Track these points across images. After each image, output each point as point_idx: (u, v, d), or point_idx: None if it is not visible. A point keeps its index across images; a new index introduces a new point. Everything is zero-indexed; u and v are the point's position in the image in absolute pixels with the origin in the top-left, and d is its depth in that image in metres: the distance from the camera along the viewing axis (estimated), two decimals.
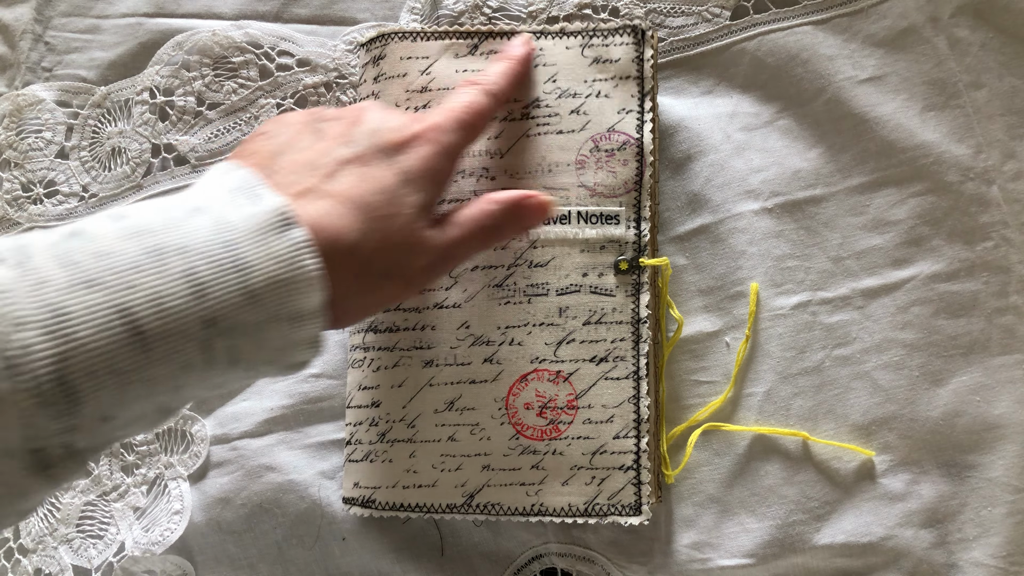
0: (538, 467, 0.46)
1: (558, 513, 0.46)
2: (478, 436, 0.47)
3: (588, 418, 0.46)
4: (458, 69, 0.49)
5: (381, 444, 0.48)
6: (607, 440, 0.46)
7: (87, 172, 0.58)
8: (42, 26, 0.61)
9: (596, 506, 0.46)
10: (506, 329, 0.47)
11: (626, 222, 0.47)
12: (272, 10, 0.58)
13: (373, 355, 0.48)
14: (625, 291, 0.47)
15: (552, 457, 0.46)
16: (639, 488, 0.46)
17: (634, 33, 0.48)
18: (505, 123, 0.48)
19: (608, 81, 0.48)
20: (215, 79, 0.57)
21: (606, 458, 0.46)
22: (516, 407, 0.47)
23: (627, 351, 0.46)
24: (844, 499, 0.48)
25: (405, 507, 0.47)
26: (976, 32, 0.51)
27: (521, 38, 0.48)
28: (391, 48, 0.50)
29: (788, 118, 0.52)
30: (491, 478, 0.47)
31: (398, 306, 0.48)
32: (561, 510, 0.46)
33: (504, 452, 0.46)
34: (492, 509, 0.46)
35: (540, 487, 0.46)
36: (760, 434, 0.49)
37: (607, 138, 0.48)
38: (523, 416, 0.47)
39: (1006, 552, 0.47)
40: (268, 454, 0.53)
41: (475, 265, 0.48)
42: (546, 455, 0.46)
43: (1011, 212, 0.49)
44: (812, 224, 0.50)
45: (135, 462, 0.53)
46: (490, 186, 0.48)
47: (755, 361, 0.50)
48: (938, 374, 0.49)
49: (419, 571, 0.51)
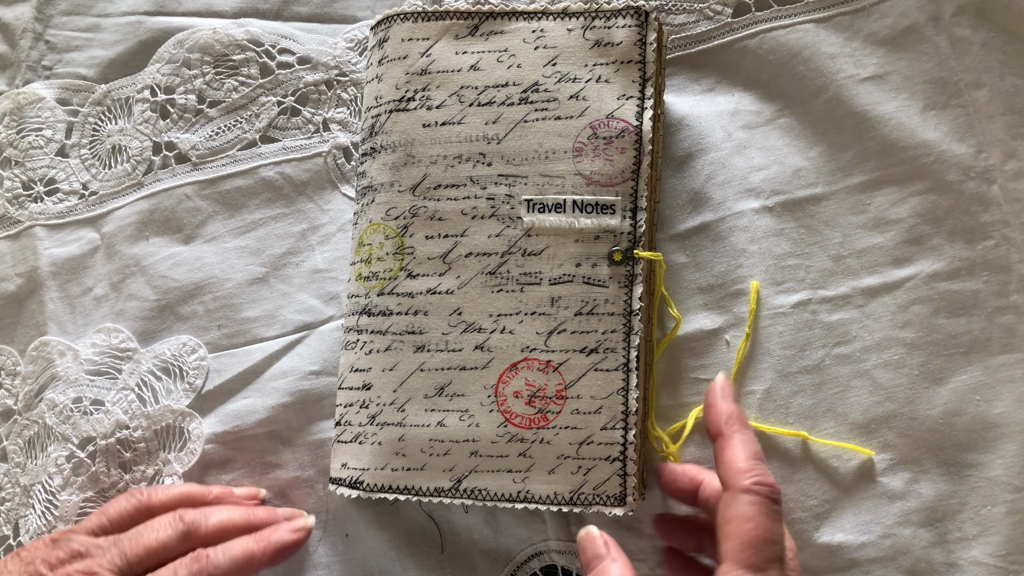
0: (525, 455, 0.50)
1: (544, 500, 0.50)
2: (467, 422, 0.50)
3: (577, 408, 0.49)
4: (458, 51, 0.52)
5: (371, 426, 0.51)
6: (595, 431, 0.49)
7: (87, 170, 0.60)
8: (43, 24, 0.63)
9: (581, 495, 0.48)
10: (498, 317, 0.50)
11: (621, 212, 0.50)
12: (273, 8, 0.60)
13: (366, 338, 0.52)
14: (618, 283, 0.50)
15: (540, 446, 0.50)
16: (624, 479, 0.49)
17: (637, 15, 0.50)
18: (503, 107, 0.50)
19: (609, 66, 0.51)
20: (216, 77, 0.59)
21: (593, 448, 0.49)
22: (506, 395, 0.50)
23: (618, 343, 0.49)
24: (843, 498, 0.50)
25: (393, 489, 0.51)
26: (977, 31, 0.53)
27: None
28: (394, 30, 0.53)
29: (789, 116, 0.54)
30: (479, 464, 0.50)
31: (392, 290, 0.51)
32: (547, 498, 0.49)
33: (492, 439, 0.50)
34: (479, 494, 0.50)
35: (527, 475, 0.50)
36: (760, 433, 0.50)
37: (605, 125, 0.50)
38: (512, 404, 0.50)
39: (1005, 551, 0.49)
40: (269, 452, 0.54)
41: (469, 252, 0.51)
42: (534, 443, 0.50)
43: (1012, 211, 0.51)
44: (813, 222, 0.52)
45: (132, 459, 0.55)
46: (487, 172, 0.51)
47: (755, 359, 0.52)
48: (938, 373, 0.50)
49: (419, 568, 0.53)
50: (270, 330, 0.57)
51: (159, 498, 0.52)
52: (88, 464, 0.57)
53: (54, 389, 0.58)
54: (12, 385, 0.60)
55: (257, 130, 0.59)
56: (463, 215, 0.51)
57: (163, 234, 0.59)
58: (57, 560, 0.48)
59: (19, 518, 0.57)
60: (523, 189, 0.50)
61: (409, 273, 0.51)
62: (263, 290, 0.58)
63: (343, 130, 0.59)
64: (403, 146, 0.52)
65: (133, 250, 0.59)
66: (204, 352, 0.57)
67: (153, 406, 0.57)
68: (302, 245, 0.58)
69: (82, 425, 0.57)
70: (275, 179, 0.59)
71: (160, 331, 0.58)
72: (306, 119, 0.59)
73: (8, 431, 0.59)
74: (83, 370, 0.58)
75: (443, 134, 0.51)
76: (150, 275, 0.59)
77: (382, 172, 0.52)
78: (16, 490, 0.58)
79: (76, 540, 0.49)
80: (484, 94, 0.51)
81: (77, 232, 0.61)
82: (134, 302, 0.59)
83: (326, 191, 0.58)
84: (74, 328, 0.59)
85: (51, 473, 0.56)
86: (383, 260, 0.52)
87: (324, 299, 0.57)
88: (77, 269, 0.60)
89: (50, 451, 0.57)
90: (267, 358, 0.57)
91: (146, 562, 0.48)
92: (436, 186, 0.51)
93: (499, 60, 0.51)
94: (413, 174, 0.52)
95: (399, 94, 0.53)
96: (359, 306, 0.52)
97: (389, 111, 0.53)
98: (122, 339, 0.58)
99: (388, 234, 0.52)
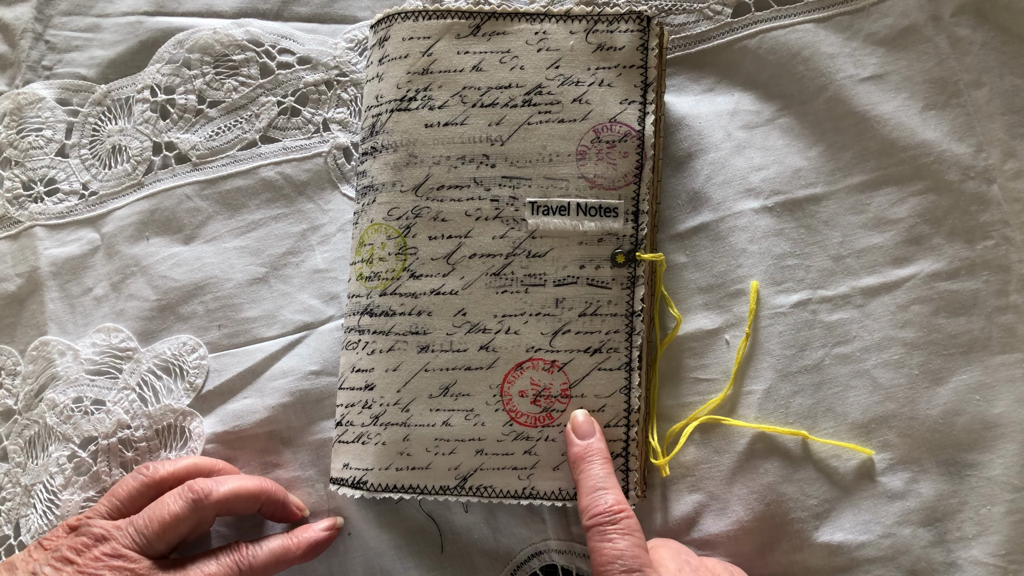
0: (531, 452, 0.51)
1: (548, 497, 0.50)
2: (472, 422, 0.51)
3: (581, 407, 0.50)
4: (460, 51, 0.52)
5: (374, 427, 0.51)
6: None
7: (87, 170, 0.61)
8: (43, 25, 0.64)
9: None
10: (503, 318, 0.51)
11: (624, 215, 0.51)
12: (273, 8, 0.60)
13: (368, 338, 0.52)
14: (621, 284, 0.51)
15: (545, 443, 0.50)
16: (627, 476, 0.50)
17: (640, 20, 0.51)
18: (506, 109, 0.50)
19: (612, 70, 0.51)
20: (216, 77, 0.59)
21: None
22: (511, 394, 0.51)
23: (621, 343, 0.50)
24: (843, 497, 0.51)
25: (398, 488, 0.51)
26: (977, 31, 0.53)
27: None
28: (395, 29, 0.53)
29: (789, 116, 0.54)
30: (484, 462, 0.51)
31: (395, 290, 0.51)
32: (551, 494, 0.50)
33: (498, 438, 0.50)
34: (484, 492, 0.51)
35: (532, 472, 0.50)
36: (759, 432, 0.51)
37: (609, 129, 0.50)
38: (517, 403, 0.50)
39: (1005, 551, 0.49)
40: (269, 452, 0.55)
41: (473, 253, 0.51)
42: (539, 441, 0.50)
43: (1011, 211, 0.51)
44: (812, 222, 0.52)
45: (134, 459, 0.55)
46: (491, 173, 0.51)
47: (755, 359, 0.52)
48: (938, 373, 0.51)
49: (419, 568, 0.53)
50: (270, 330, 0.57)
51: (165, 471, 0.53)
52: (89, 463, 0.57)
53: (54, 389, 0.58)
54: (12, 385, 0.60)
55: (257, 130, 0.60)
56: (467, 216, 0.51)
57: (163, 234, 0.60)
58: (83, 545, 0.49)
59: (20, 518, 0.57)
60: (527, 191, 0.51)
61: (412, 273, 0.51)
62: (263, 290, 0.58)
63: (343, 130, 0.59)
64: (405, 146, 0.52)
65: (133, 250, 0.60)
66: (204, 351, 0.57)
67: (154, 405, 0.57)
68: (302, 245, 0.58)
69: (83, 425, 0.57)
70: (275, 179, 0.59)
71: (160, 331, 0.59)
72: (306, 119, 0.59)
73: (8, 431, 0.59)
74: (83, 370, 0.58)
75: (446, 134, 0.52)
76: (150, 275, 0.59)
77: (383, 172, 0.53)
78: (17, 490, 0.58)
79: (95, 524, 0.50)
80: (487, 95, 0.52)
81: (77, 232, 0.61)
82: (134, 302, 0.59)
83: (326, 191, 0.58)
84: (74, 328, 0.60)
85: (52, 473, 0.57)
86: (385, 260, 0.52)
87: (324, 299, 0.57)
88: (77, 269, 0.60)
89: (51, 451, 0.57)
90: (267, 358, 0.57)
91: (164, 537, 0.49)
92: (439, 187, 0.51)
93: (502, 61, 0.52)
94: (415, 174, 0.52)
95: (400, 93, 0.53)
96: (360, 306, 0.53)
97: (390, 110, 0.53)
98: (122, 339, 0.58)
99: (390, 234, 0.52)
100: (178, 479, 0.53)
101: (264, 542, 0.51)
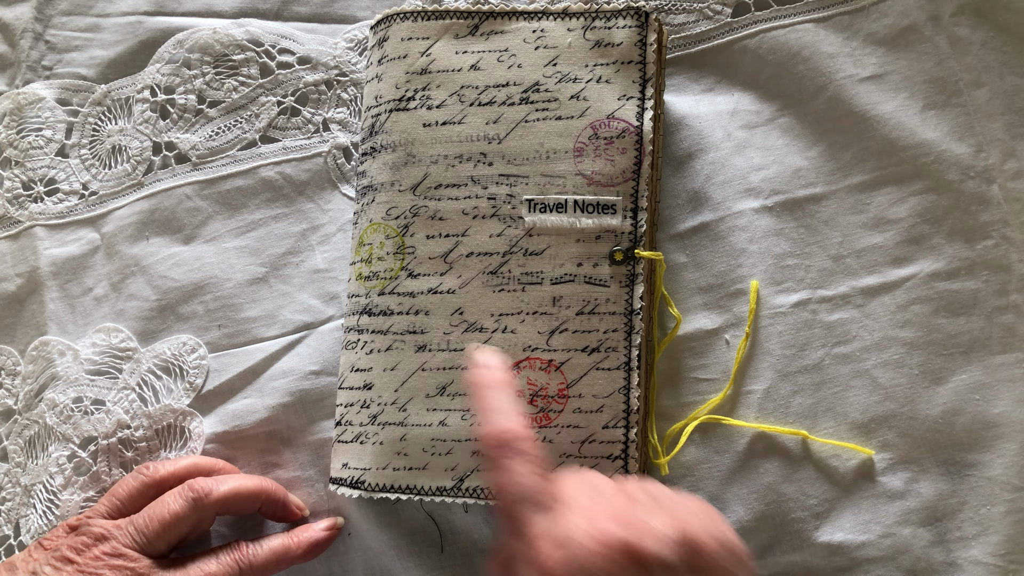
0: None
1: None
2: (469, 422, 0.51)
3: (578, 407, 0.50)
4: (458, 51, 0.52)
5: (372, 426, 0.51)
6: (596, 430, 0.50)
7: (87, 170, 0.61)
8: (42, 25, 0.64)
9: None
10: (500, 316, 0.50)
11: (622, 212, 0.50)
12: (273, 8, 0.60)
13: (367, 337, 0.52)
14: (619, 282, 0.50)
15: (542, 444, 0.50)
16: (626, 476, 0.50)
17: (638, 16, 0.51)
18: (504, 107, 0.50)
19: (610, 66, 0.51)
20: (216, 77, 0.59)
21: (595, 447, 0.50)
22: None
23: (619, 342, 0.50)
24: (843, 497, 0.51)
25: (395, 488, 0.51)
26: (977, 31, 0.53)
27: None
28: (394, 29, 0.53)
29: (789, 116, 0.54)
30: (481, 463, 0.50)
31: (393, 290, 0.52)
32: None
33: None
34: (481, 493, 0.50)
35: None
36: (759, 432, 0.51)
37: (606, 125, 0.50)
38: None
39: (1005, 550, 0.49)
40: (269, 451, 0.55)
41: (470, 252, 0.51)
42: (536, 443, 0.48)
43: (1011, 211, 0.51)
44: (812, 222, 0.52)
45: (134, 459, 0.55)
46: (488, 172, 0.51)
47: (755, 359, 0.52)
48: (938, 372, 0.51)
49: (419, 568, 0.53)
50: (270, 330, 0.57)
51: (165, 471, 0.53)
52: (89, 463, 0.57)
53: (54, 389, 0.58)
54: (12, 385, 0.60)
55: (257, 130, 0.60)
56: (464, 215, 0.51)
57: (163, 234, 0.60)
58: (83, 544, 0.49)
59: (20, 518, 0.58)
60: (524, 189, 0.51)
61: (410, 273, 0.51)
62: (263, 290, 0.58)
63: (343, 130, 0.59)
64: (403, 145, 0.52)
65: (133, 250, 0.60)
66: (204, 351, 0.58)
67: (154, 405, 0.57)
68: (302, 245, 0.58)
69: (83, 425, 0.57)
70: (275, 179, 0.59)
71: (160, 331, 0.59)
72: (306, 119, 0.59)
73: (8, 431, 0.59)
74: (83, 370, 0.58)
75: (444, 134, 0.52)
76: (150, 275, 0.59)
77: (382, 171, 0.53)
78: (17, 490, 0.58)
79: (95, 524, 0.50)
80: (485, 94, 0.52)
81: (77, 232, 0.61)
82: (134, 302, 0.59)
83: (326, 191, 0.59)
84: (74, 328, 0.60)
85: (52, 473, 0.57)
86: (384, 260, 0.52)
87: (324, 299, 0.57)
88: (77, 269, 0.61)
89: (51, 451, 0.57)
90: (267, 358, 0.57)
91: (164, 536, 0.49)
92: (437, 186, 0.52)
93: (499, 60, 0.52)
94: (414, 173, 0.52)
95: (399, 93, 0.53)
96: (359, 306, 0.53)
97: (389, 110, 0.53)
98: (122, 339, 0.58)
99: (389, 234, 0.52)
100: (178, 479, 0.53)
101: (264, 541, 0.51)
